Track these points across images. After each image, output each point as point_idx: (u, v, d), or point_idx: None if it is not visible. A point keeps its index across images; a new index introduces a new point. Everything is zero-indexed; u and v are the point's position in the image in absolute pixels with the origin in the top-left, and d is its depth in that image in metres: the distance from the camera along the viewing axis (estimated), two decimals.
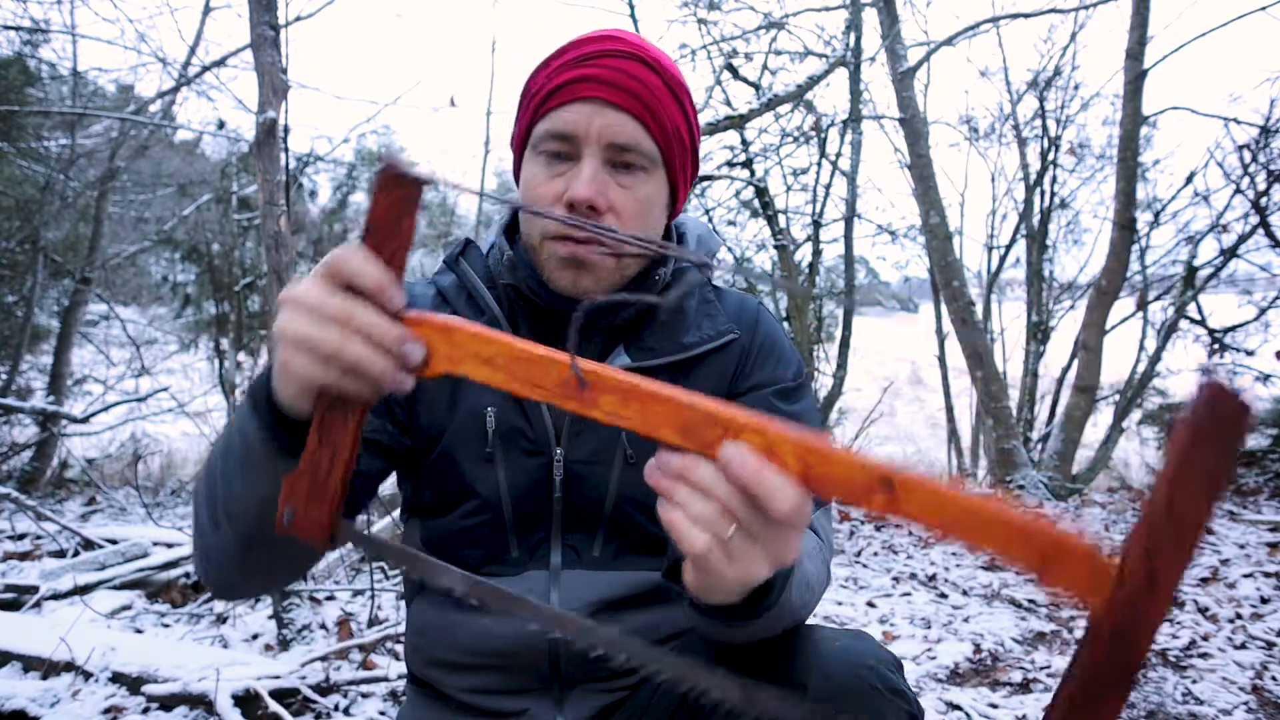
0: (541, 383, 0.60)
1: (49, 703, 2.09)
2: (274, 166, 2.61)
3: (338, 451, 0.64)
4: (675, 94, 0.93)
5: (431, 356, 0.62)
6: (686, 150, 0.97)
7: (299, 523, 0.65)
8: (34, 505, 4.06)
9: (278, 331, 0.62)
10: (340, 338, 0.59)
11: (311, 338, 0.60)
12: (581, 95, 0.89)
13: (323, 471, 0.64)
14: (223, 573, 0.85)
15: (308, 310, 0.60)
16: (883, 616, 3.14)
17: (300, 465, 0.65)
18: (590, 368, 0.59)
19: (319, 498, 0.65)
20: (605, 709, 1.00)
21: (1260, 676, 2.43)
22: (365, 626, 2.80)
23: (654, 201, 0.95)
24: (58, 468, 6.39)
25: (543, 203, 0.91)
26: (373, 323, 0.60)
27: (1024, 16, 6.80)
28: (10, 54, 5.67)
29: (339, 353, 0.59)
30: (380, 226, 0.62)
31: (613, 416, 0.59)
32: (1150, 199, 6.90)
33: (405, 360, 0.61)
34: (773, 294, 6.43)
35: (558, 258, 0.92)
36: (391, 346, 0.60)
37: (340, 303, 0.60)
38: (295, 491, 0.65)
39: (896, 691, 0.79)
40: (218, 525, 0.80)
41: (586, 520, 0.97)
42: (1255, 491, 5.72)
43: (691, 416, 0.59)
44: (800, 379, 1.04)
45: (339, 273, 0.61)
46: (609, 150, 0.90)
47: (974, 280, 9.35)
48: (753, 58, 5.99)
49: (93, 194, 6.75)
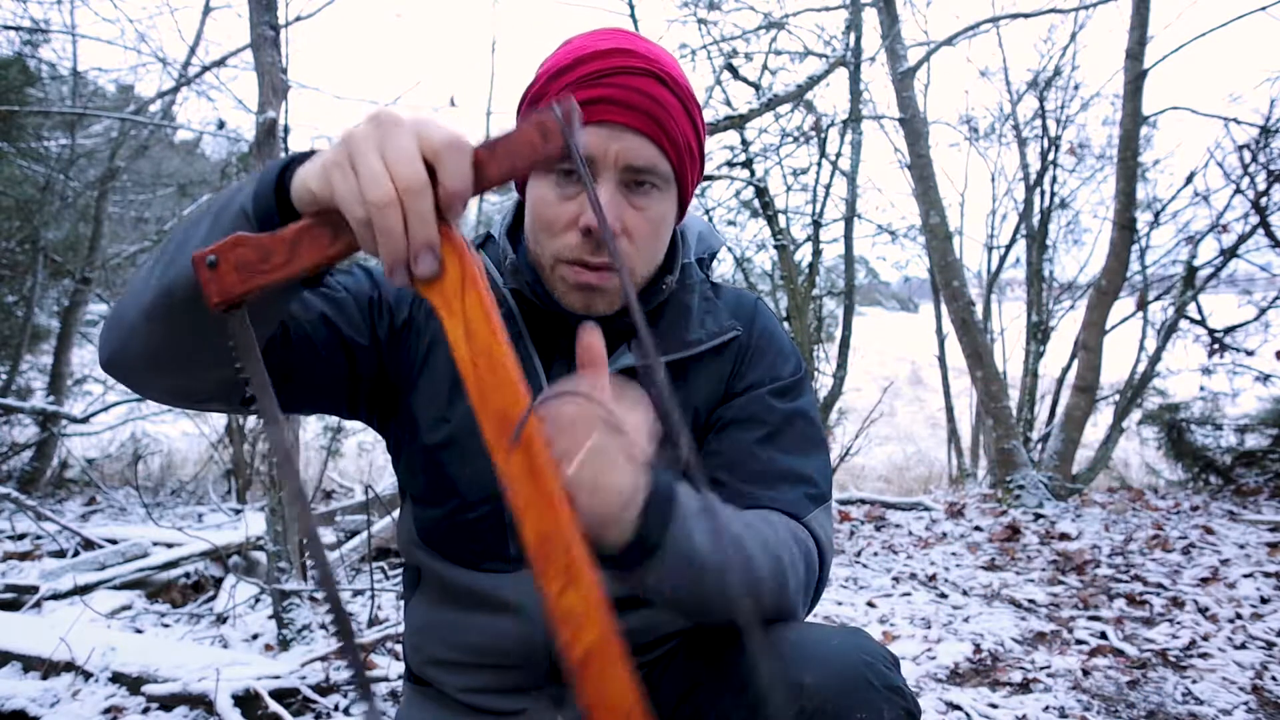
0: (489, 396, 0.60)
1: (49, 703, 2.09)
2: None
3: (294, 259, 0.62)
4: (687, 108, 0.93)
5: (436, 280, 0.60)
6: (696, 161, 0.97)
7: (215, 271, 0.62)
8: (34, 505, 4.06)
9: (348, 138, 0.60)
10: (387, 199, 0.58)
11: (367, 175, 0.58)
12: (599, 118, 0.88)
13: (270, 261, 0.62)
14: (126, 322, 0.78)
15: (384, 150, 0.59)
16: (883, 616, 3.14)
17: (258, 238, 0.62)
18: (530, 435, 0.59)
19: (248, 273, 0.62)
20: None
21: (1260, 676, 2.42)
22: (365, 626, 2.80)
23: (666, 219, 0.95)
24: (58, 468, 6.39)
25: (556, 225, 0.91)
26: (423, 214, 0.58)
27: (1024, 16, 6.79)
28: (10, 54, 5.67)
29: (377, 209, 0.58)
30: (502, 150, 0.60)
31: (507, 478, 0.60)
32: (1150, 199, 6.90)
33: (417, 264, 0.59)
34: (773, 294, 6.43)
35: (569, 282, 0.92)
36: (418, 245, 0.59)
37: (414, 173, 0.58)
38: (233, 250, 0.62)
39: (893, 688, 0.79)
40: (155, 269, 0.75)
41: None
42: (1255, 491, 5.72)
43: (552, 538, 0.60)
44: (798, 374, 1.04)
45: (436, 149, 0.59)
46: (625, 173, 0.90)
47: (974, 280, 9.36)
48: (753, 58, 5.99)
49: (93, 194, 6.75)
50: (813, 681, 0.77)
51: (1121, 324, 6.28)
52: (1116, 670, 2.53)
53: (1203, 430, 6.46)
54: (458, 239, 0.61)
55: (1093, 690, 2.39)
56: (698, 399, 1.01)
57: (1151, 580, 3.50)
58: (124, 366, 0.82)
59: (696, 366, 1.01)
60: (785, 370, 1.03)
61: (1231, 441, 6.33)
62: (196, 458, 7.36)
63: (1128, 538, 4.30)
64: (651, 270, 0.98)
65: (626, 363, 0.96)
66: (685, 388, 1.00)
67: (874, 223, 7.85)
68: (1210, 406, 6.52)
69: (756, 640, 0.82)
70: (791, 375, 1.03)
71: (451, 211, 0.60)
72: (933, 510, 5.50)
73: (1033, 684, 2.44)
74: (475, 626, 0.97)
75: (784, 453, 0.97)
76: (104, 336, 0.83)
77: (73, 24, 6.25)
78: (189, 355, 0.77)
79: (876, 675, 0.78)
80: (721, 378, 1.02)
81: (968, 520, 5.12)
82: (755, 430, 0.98)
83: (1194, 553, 3.93)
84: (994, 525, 4.83)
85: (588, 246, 0.90)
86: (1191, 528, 4.47)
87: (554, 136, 0.59)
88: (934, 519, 5.22)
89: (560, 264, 0.92)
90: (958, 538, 4.61)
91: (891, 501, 5.79)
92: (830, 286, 7.21)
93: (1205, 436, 6.45)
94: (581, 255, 0.90)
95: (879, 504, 5.72)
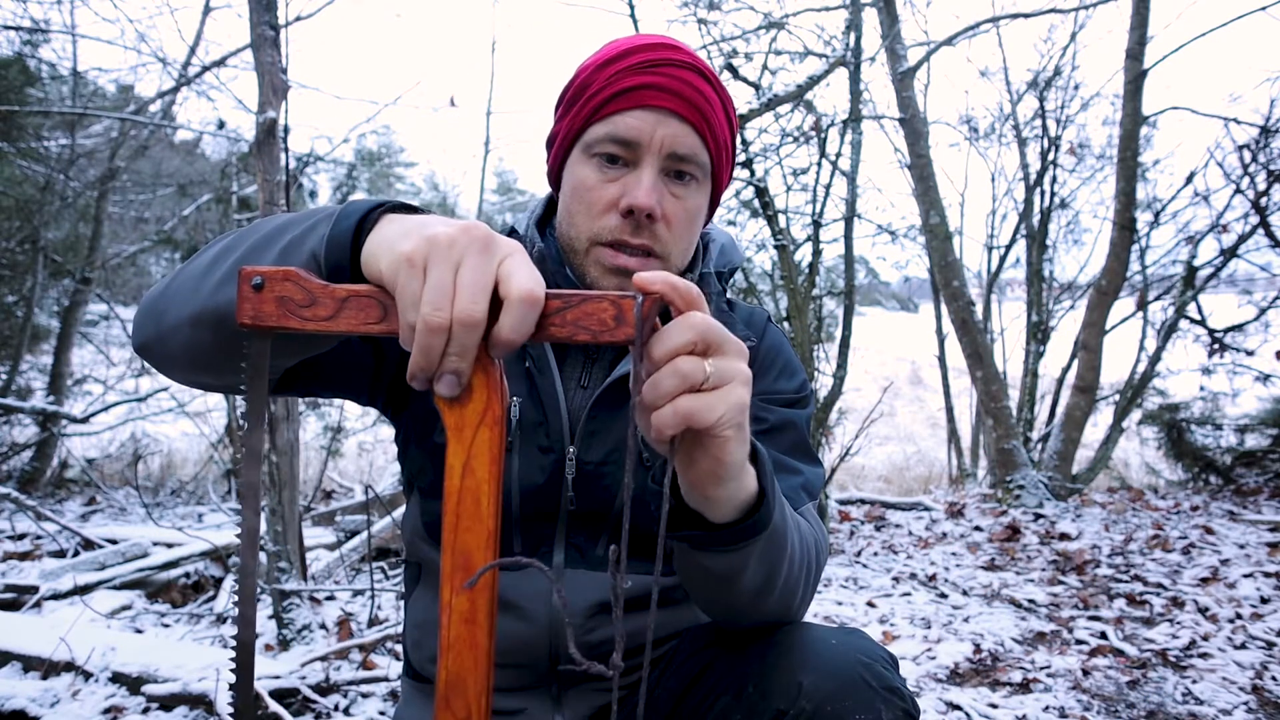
0: (461, 532, 0.61)
1: (49, 703, 2.09)
2: (274, 166, 2.61)
3: (337, 319, 0.61)
4: (726, 108, 0.95)
5: (456, 402, 0.60)
6: (730, 162, 0.99)
7: (257, 294, 0.61)
8: (34, 505, 4.06)
9: (433, 238, 0.58)
10: (438, 324, 0.56)
11: (432, 289, 0.56)
12: (647, 103, 0.89)
13: (312, 310, 0.61)
14: (170, 318, 0.78)
15: (459, 269, 0.57)
16: (883, 616, 3.14)
17: (310, 281, 0.61)
18: (484, 584, 0.62)
19: (286, 310, 0.61)
20: (603, 708, 1.00)
21: (1260, 676, 2.42)
22: (365, 626, 2.80)
23: (700, 212, 0.96)
24: (58, 468, 6.39)
25: (596, 206, 0.91)
26: (466, 347, 0.57)
27: (1024, 16, 6.80)
28: (10, 54, 5.67)
29: (426, 326, 0.56)
30: (573, 316, 0.59)
31: (446, 610, 0.64)
32: (1150, 199, 6.89)
33: (439, 382, 0.58)
34: (773, 294, 6.43)
35: (605, 265, 0.93)
36: (447, 369, 0.58)
37: (475, 308, 0.56)
38: (282, 282, 0.61)
39: (892, 689, 0.79)
40: (210, 275, 0.74)
41: (594, 520, 0.97)
42: (1255, 491, 5.72)
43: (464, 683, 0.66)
44: (803, 393, 1.05)
45: (509, 291, 0.57)
46: (668, 159, 0.91)
47: (974, 280, 9.36)
48: (753, 58, 5.99)
49: (93, 194, 6.75)
50: (811, 682, 0.77)
51: (1121, 324, 6.28)
52: (1116, 670, 2.53)
53: (1203, 430, 6.46)
54: (496, 376, 0.60)
55: (1093, 690, 2.39)
56: None
57: (1151, 580, 3.50)
58: (158, 355, 0.81)
59: None
60: (790, 386, 1.04)
61: (1231, 441, 6.34)
62: (196, 458, 7.36)
63: (1128, 538, 4.30)
64: (683, 264, 0.98)
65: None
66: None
67: (874, 223, 7.84)
68: (1210, 406, 6.52)
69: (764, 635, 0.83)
70: (796, 392, 1.04)
71: (496, 351, 0.58)
72: (933, 510, 5.50)
73: (1033, 684, 2.44)
74: None
75: (780, 450, 0.98)
76: (141, 322, 0.81)
77: (73, 24, 6.25)
78: (226, 361, 0.76)
79: (874, 676, 0.78)
80: None
81: (968, 520, 5.12)
82: (753, 426, 0.98)
83: (1194, 553, 3.93)
84: (994, 525, 4.83)
85: (627, 227, 0.91)
86: (1191, 528, 4.47)
87: (627, 324, 0.58)
88: (934, 519, 5.22)
89: (597, 246, 0.93)
90: (958, 538, 4.61)
91: (891, 501, 5.79)
92: (830, 286, 7.21)
93: (1205, 436, 6.45)
94: (621, 236, 0.91)
95: (879, 504, 5.72)
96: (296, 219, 0.73)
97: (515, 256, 0.59)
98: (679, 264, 0.97)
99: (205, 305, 0.73)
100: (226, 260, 0.74)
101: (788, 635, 0.84)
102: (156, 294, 0.81)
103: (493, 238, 0.59)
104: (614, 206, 0.91)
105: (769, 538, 0.75)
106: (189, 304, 0.75)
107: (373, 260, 0.62)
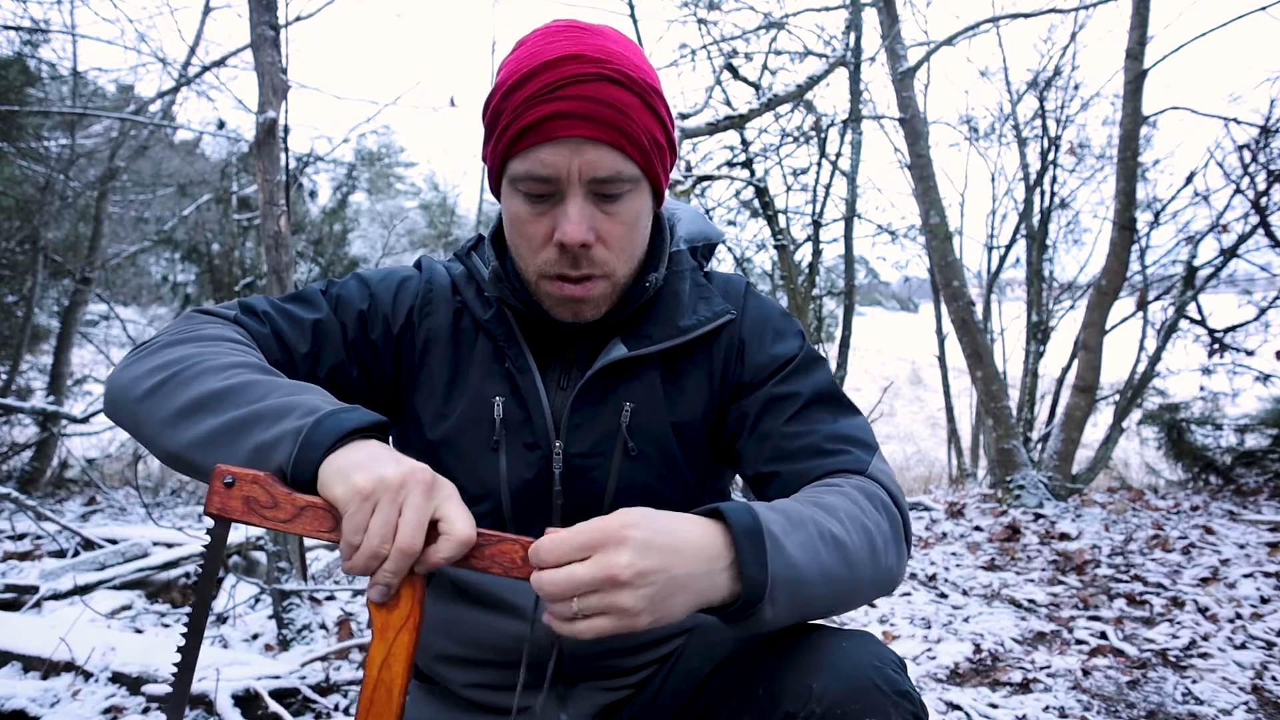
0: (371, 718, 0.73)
1: (49, 703, 2.09)
2: (274, 166, 2.61)
3: (294, 522, 0.72)
4: (647, 101, 0.89)
5: (382, 606, 0.72)
6: (664, 149, 0.94)
7: (227, 491, 0.71)
8: (34, 505, 4.06)
9: (381, 481, 0.69)
10: (378, 553, 0.69)
11: (376, 525, 0.69)
12: (557, 135, 0.85)
13: (273, 512, 0.72)
14: (143, 429, 0.85)
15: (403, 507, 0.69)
16: (883, 616, 3.14)
17: (275, 488, 0.72)
18: None
19: (250, 509, 0.72)
20: (608, 707, 1.00)
21: (1260, 676, 2.42)
22: (365, 626, 2.80)
23: (640, 214, 0.93)
24: (58, 468, 6.39)
25: (534, 241, 0.91)
26: (399, 568, 0.70)
27: (1024, 16, 6.79)
28: (10, 54, 5.67)
29: (366, 551, 0.69)
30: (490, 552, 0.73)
31: None
32: (1150, 199, 6.89)
33: (370, 589, 0.71)
34: (773, 294, 6.43)
35: (555, 297, 0.93)
36: (380, 579, 0.70)
37: (411, 542, 0.69)
38: (251, 484, 0.71)
39: (902, 693, 0.78)
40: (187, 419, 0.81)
41: (585, 515, 0.97)
42: (1255, 491, 5.73)
43: None
44: (803, 350, 1.01)
45: (446, 531, 0.71)
46: (591, 184, 0.88)
47: (974, 280, 9.36)
48: (753, 58, 6.00)
49: (93, 194, 6.75)
50: (821, 685, 0.77)
51: (1121, 324, 6.28)
52: (1116, 670, 2.53)
53: (1203, 430, 6.45)
54: (420, 590, 0.73)
55: (1093, 690, 2.39)
56: (686, 399, 1.00)
57: (1151, 580, 3.50)
58: (128, 430, 0.89)
59: (688, 359, 1.00)
60: (786, 350, 1.01)
61: (1231, 441, 6.33)
62: None
63: (1128, 538, 4.30)
64: (634, 266, 0.96)
65: (619, 355, 0.96)
66: (675, 384, 1.00)
67: (874, 223, 7.87)
68: (1210, 406, 6.52)
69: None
70: (795, 353, 1.01)
71: (422, 568, 0.71)
72: (933, 510, 5.50)
73: (1033, 684, 2.44)
74: (483, 622, 0.98)
75: (820, 422, 0.96)
76: (114, 414, 0.88)
77: (73, 24, 6.25)
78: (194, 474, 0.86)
79: (885, 680, 0.78)
80: (713, 375, 1.00)
81: (968, 520, 5.12)
82: (783, 413, 0.97)
83: (1194, 553, 3.93)
84: (994, 525, 4.83)
85: (565, 260, 0.89)
86: (1191, 528, 4.47)
87: (527, 569, 0.72)
88: (934, 519, 5.22)
89: (543, 279, 0.92)
90: (958, 538, 4.62)
91: None
92: (830, 286, 7.21)
93: (1205, 436, 6.45)
94: (561, 269, 0.90)
95: None
96: (272, 407, 0.78)
97: (453, 500, 0.72)
98: (626, 274, 0.95)
99: (180, 453, 0.81)
100: (193, 389, 0.82)
101: (798, 638, 0.83)
102: (125, 387, 0.87)
103: (435, 481, 0.72)
104: (549, 240, 0.89)
105: (785, 585, 0.75)
106: (161, 437, 0.82)
107: (329, 484, 0.71)
